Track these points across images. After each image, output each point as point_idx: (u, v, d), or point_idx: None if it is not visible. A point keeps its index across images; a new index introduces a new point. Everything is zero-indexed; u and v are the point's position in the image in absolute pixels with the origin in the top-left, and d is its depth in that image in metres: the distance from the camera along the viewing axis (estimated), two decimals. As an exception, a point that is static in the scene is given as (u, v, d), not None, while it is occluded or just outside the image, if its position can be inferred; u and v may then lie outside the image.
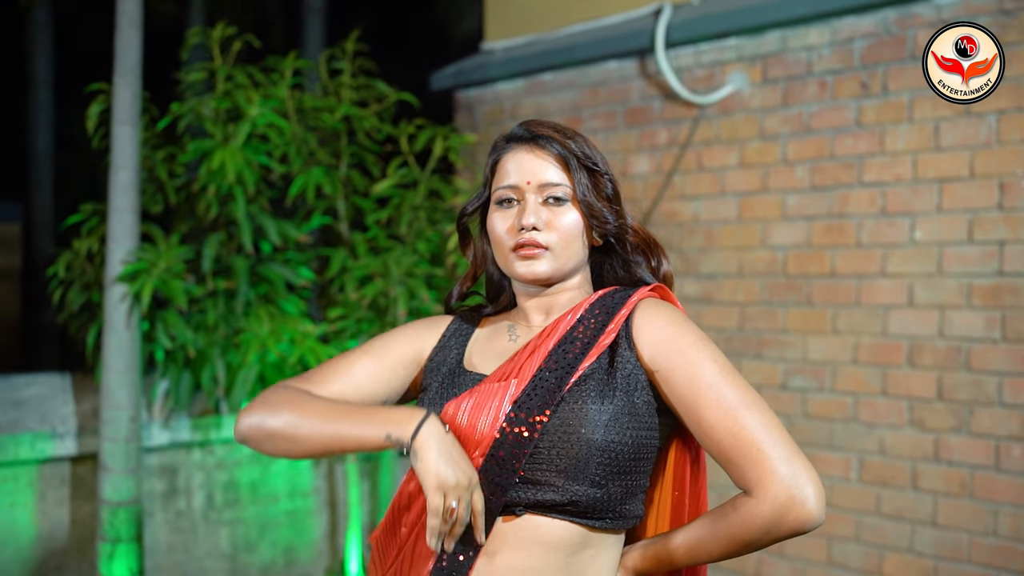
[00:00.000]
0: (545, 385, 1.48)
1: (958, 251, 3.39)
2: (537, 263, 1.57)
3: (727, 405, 1.43)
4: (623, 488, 1.48)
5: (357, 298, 3.54)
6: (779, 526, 1.40)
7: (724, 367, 1.48)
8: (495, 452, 1.46)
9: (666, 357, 1.49)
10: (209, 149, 3.39)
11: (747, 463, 1.41)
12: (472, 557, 1.47)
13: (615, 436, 1.46)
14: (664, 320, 1.53)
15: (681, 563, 1.52)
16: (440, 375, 1.61)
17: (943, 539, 3.42)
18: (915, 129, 3.47)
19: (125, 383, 3.28)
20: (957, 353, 3.38)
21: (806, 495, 1.38)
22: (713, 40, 3.98)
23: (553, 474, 1.45)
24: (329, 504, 4.25)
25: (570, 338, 1.53)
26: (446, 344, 1.66)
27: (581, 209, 1.59)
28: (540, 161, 1.59)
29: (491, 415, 1.47)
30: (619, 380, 1.49)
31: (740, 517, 1.42)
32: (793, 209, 3.78)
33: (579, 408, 1.46)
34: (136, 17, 3.26)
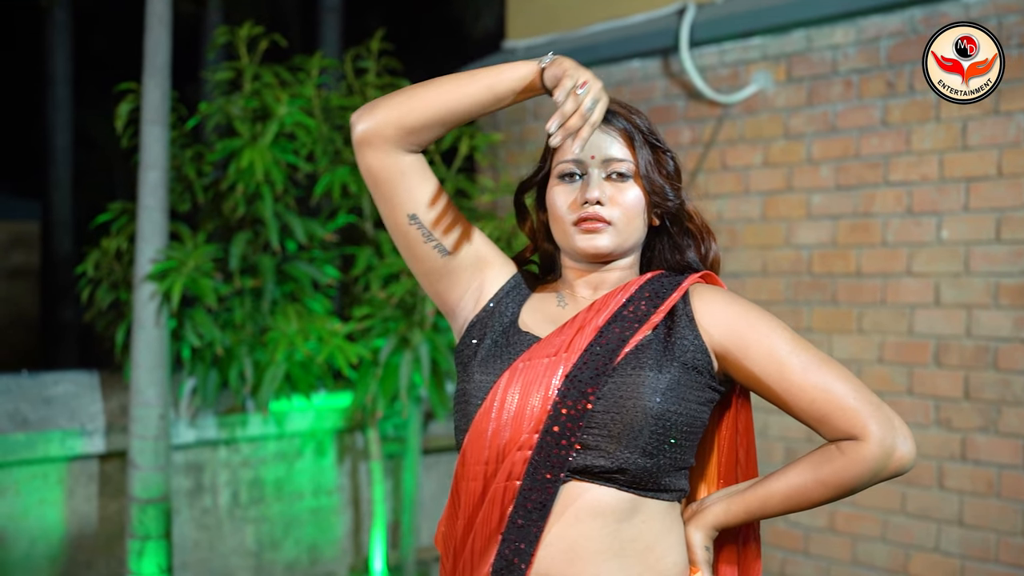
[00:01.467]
0: (596, 360, 1.49)
1: (985, 250, 3.38)
2: (599, 237, 1.57)
3: (811, 368, 1.50)
4: (671, 460, 1.50)
5: (385, 296, 3.55)
6: (886, 466, 1.48)
7: (793, 334, 1.54)
8: (549, 427, 1.47)
9: (740, 334, 1.53)
10: (238, 148, 3.41)
11: (845, 415, 1.48)
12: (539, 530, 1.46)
13: (671, 406, 1.48)
14: (726, 300, 1.57)
15: (774, 512, 1.55)
16: (495, 331, 1.60)
17: (970, 539, 3.42)
18: (942, 128, 3.47)
19: (154, 381, 3.30)
20: (984, 352, 3.38)
21: (906, 436, 1.49)
22: (737, 39, 3.98)
23: (605, 439, 1.46)
24: (353, 502, 4.26)
25: (620, 316, 1.54)
26: (506, 296, 1.64)
27: (643, 186, 1.59)
28: (605, 136, 1.59)
29: (542, 391, 1.48)
30: (677, 353, 1.51)
31: (849, 460, 1.48)
32: (818, 208, 3.78)
33: (636, 376, 1.48)
34: (165, 17, 3.28)
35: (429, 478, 4.50)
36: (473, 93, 1.53)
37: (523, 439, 1.48)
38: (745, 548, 1.66)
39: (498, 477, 1.49)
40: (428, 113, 1.54)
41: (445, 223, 1.60)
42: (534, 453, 1.47)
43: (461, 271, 1.63)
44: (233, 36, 3.61)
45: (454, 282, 1.63)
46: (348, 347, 3.43)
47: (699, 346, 1.54)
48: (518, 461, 1.48)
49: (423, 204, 1.58)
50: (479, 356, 1.57)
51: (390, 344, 3.57)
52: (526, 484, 1.47)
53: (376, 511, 4.02)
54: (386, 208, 1.60)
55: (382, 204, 1.60)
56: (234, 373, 3.50)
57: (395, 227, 1.61)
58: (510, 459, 1.48)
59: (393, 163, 1.55)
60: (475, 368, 1.56)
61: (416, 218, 1.58)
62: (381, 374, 3.62)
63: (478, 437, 1.51)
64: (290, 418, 3.94)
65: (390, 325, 3.60)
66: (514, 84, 1.54)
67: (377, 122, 1.54)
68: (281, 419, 3.88)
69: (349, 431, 4.19)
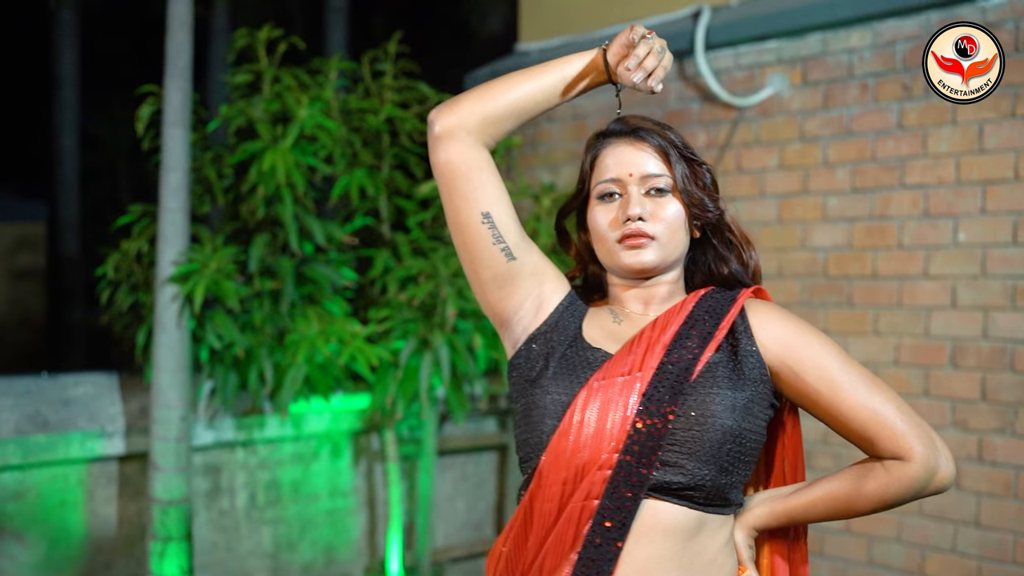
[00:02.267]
0: (670, 378, 1.51)
1: (1002, 253, 3.40)
2: (644, 252, 1.59)
3: (860, 388, 1.55)
4: (740, 476, 1.55)
5: (407, 299, 3.56)
6: (927, 487, 1.54)
7: (843, 353, 1.59)
8: (629, 446, 1.48)
9: (794, 350, 1.57)
10: (259, 150, 3.42)
11: (892, 436, 1.53)
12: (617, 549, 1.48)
13: (747, 424, 1.52)
14: (782, 317, 1.61)
15: (815, 518, 1.60)
16: (561, 344, 1.60)
17: (987, 540, 3.44)
18: (959, 131, 3.49)
19: (176, 383, 3.31)
20: (1002, 354, 3.40)
21: (948, 458, 1.55)
22: (753, 42, 4.00)
23: (684, 457, 1.49)
24: (367, 503, 4.27)
25: (685, 333, 1.56)
26: (566, 310, 1.65)
27: (682, 199, 1.61)
28: (641, 153, 1.62)
29: (620, 410, 1.50)
30: (745, 371, 1.55)
31: (894, 478, 1.54)
32: (834, 211, 3.80)
33: (713, 394, 1.51)
34: (187, 20, 3.29)
35: (443, 479, 4.51)
36: (546, 82, 1.60)
37: (603, 459, 1.49)
38: (795, 544, 1.69)
39: (575, 496, 1.49)
40: (508, 102, 1.58)
41: (513, 227, 1.62)
42: (614, 472, 1.48)
43: (522, 279, 1.63)
44: (252, 39, 3.62)
45: (514, 289, 1.63)
46: (369, 349, 3.45)
47: (759, 359, 1.57)
48: (597, 481, 1.49)
49: (497, 203, 1.60)
50: (550, 370, 1.57)
51: (410, 346, 3.58)
52: (604, 503, 1.48)
53: (393, 513, 4.03)
54: (461, 204, 1.59)
55: (458, 200, 1.59)
56: (253, 375, 3.51)
57: (466, 225, 1.60)
58: (589, 479, 1.49)
59: (474, 156, 1.58)
60: (548, 383, 1.56)
61: (489, 217, 1.58)
62: (401, 376, 3.64)
63: (557, 457, 1.51)
64: (306, 420, 3.95)
65: (409, 327, 3.61)
66: (581, 68, 1.60)
67: (461, 113, 1.57)
68: (298, 421, 3.89)
69: (364, 433, 4.20)
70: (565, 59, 1.61)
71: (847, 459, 3.54)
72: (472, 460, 4.68)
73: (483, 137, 1.59)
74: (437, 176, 1.62)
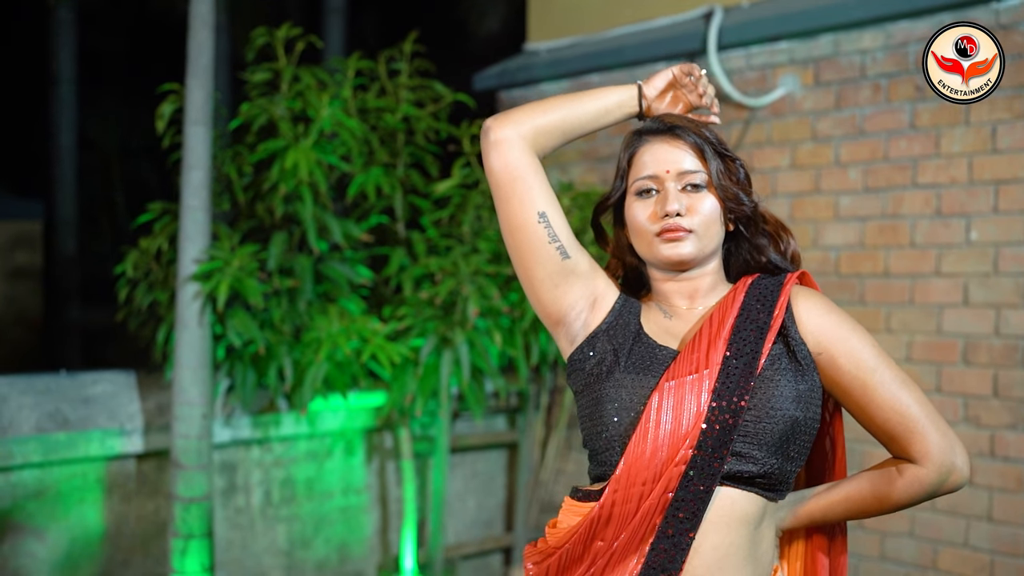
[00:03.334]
0: (736, 372, 1.56)
1: (1014, 251, 3.45)
2: (682, 245, 1.65)
3: (890, 386, 1.59)
4: (801, 461, 1.61)
5: (428, 296, 3.58)
6: (941, 488, 1.59)
7: (879, 350, 1.62)
8: (703, 441, 1.53)
9: (832, 342, 1.61)
10: (280, 149, 3.43)
11: (913, 437, 1.58)
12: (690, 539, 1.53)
13: (811, 412, 1.59)
14: (824, 307, 1.65)
15: (835, 520, 1.66)
16: (626, 342, 1.65)
17: (999, 534, 3.49)
18: (971, 132, 3.54)
19: (197, 380, 3.32)
20: (1014, 351, 3.45)
21: (964, 461, 1.59)
22: (764, 43, 4.04)
23: (754, 447, 1.55)
24: (380, 501, 4.29)
25: (742, 325, 1.61)
26: (622, 308, 1.71)
27: (718, 194, 1.67)
28: (677, 150, 1.67)
29: (693, 407, 1.55)
30: (801, 361, 1.60)
31: (907, 482, 1.59)
32: (846, 210, 3.84)
33: (778, 386, 1.57)
34: (209, 19, 3.30)
35: (454, 477, 4.54)
36: (588, 107, 1.72)
37: (680, 455, 1.54)
38: (833, 540, 1.74)
39: (654, 493, 1.54)
40: (558, 118, 1.69)
41: (565, 227, 1.69)
42: (688, 467, 1.53)
43: (576, 277, 1.69)
44: (271, 38, 3.63)
45: (569, 287, 1.69)
46: (390, 347, 3.46)
47: (806, 350, 1.62)
48: (674, 476, 1.54)
49: (551, 204, 1.67)
50: (620, 366, 1.62)
51: (430, 343, 3.60)
52: (679, 495, 1.53)
53: (407, 510, 4.05)
54: (518, 206, 1.66)
55: (515, 202, 1.66)
56: (272, 373, 3.52)
57: (523, 226, 1.66)
58: (667, 475, 1.54)
59: (529, 160, 1.66)
60: (620, 377, 1.61)
61: (545, 216, 1.66)
62: (421, 373, 3.65)
63: (637, 460, 1.55)
64: (321, 418, 3.97)
65: (428, 325, 3.63)
66: (618, 100, 1.74)
67: (517, 122, 1.66)
68: (313, 419, 3.91)
69: (378, 430, 4.22)
70: (604, 90, 1.75)
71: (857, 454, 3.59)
72: (482, 458, 4.70)
73: (535, 145, 1.68)
74: (493, 181, 1.69)
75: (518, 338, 3.85)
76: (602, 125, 1.74)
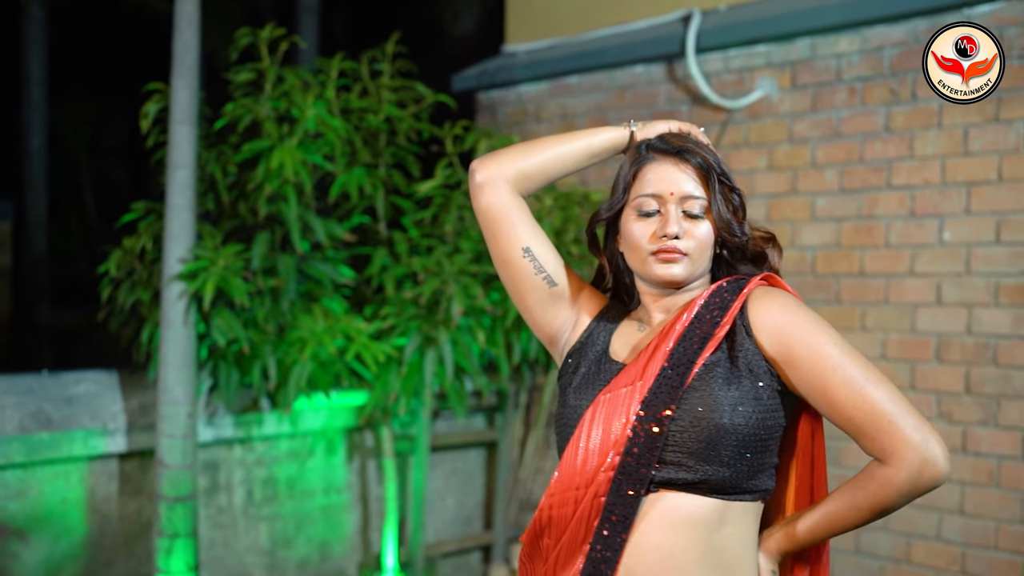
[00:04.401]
0: (668, 383, 1.62)
1: (986, 251, 3.54)
2: (675, 266, 1.69)
3: (854, 383, 1.57)
4: (750, 466, 1.61)
5: (413, 296, 3.61)
6: (916, 487, 1.55)
7: (843, 347, 1.60)
8: (629, 449, 1.61)
9: (787, 344, 1.61)
10: (265, 149, 3.44)
11: (880, 434, 1.54)
12: (622, 540, 1.60)
13: (741, 419, 1.58)
14: (779, 308, 1.65)
15: (823, 537, 1.65)
16: (589, 359, 1.77)
17: (970, 527, 3.57)
18: (944, 134, 3.62)
19: (182, 380, 3.32)
20: (985, 349, 3.54)
21: (937, 456, 1.54)
22: (742, 46, 4.11)
23: (684, 455, 1.59)
24: (361, 500, 4.31)
25: (688, 335, 1.65)
26: (598, 325, 1.81)
27: (714, 221, 1.71)
28: (682, 174, 1.70)
29: (623, 419, 1.63)
30: (742, 367, 1.62)
31: (879, 486, 1.55)
32: (822, 210, 3.91)
33: (707, 395, 1.59)
34: (194, 19, 3.30)
35: (433, 475, 4.56)
36: (575, 148, 1.78)
37: (608, 462, 1.62)
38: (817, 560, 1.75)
39: (586, 497, 1.64)
40: (541, 161, 1.77)
41: (551, 257, 1.79)
42: (616, 472, 1.61)
43: (563, 300, 1.80)
44: (255, 38, 3.64)
45: (558, 311, 1.80)
46: (374, 346, 3.49)
47: (755, 351, 1.64)
48: (603, 481, 1.62)
49: (534, 238, 1.76)
50: (574, 383, 1.75)
51: (414, 342, 3.63)
52: (610, 500, 1.62)
53: (388, 508, 4.08)
54: (503, 242, 1.77)
55: (500, 239, 1.77)
56: (256, 372, 3.53)
57: (509, 260, 1.77)
58: (596, 481, 1.63)
59: (511, 200, 1.76)
60: (570, 394, 1.74)
61: (529, 251, 1.75)
62: (405, 372, 3.68)
63: (569, 467, 1.66)
64: (303, 417, 3.98)
65: (411, 324, 3.66)
66: (608, 142, 1.79)
67: (501, 165, 1.75)
68: (295, 418, 3.92)
69: (359, 429, 4.24)
70: (593, 131, 1.80)
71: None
72: (461, 456, 4.73)
73: (518, 187, 1.77)
74: (480, 219, 1.79)
75: (500, 337, 3.89)
76: (588, 164, 1.81)
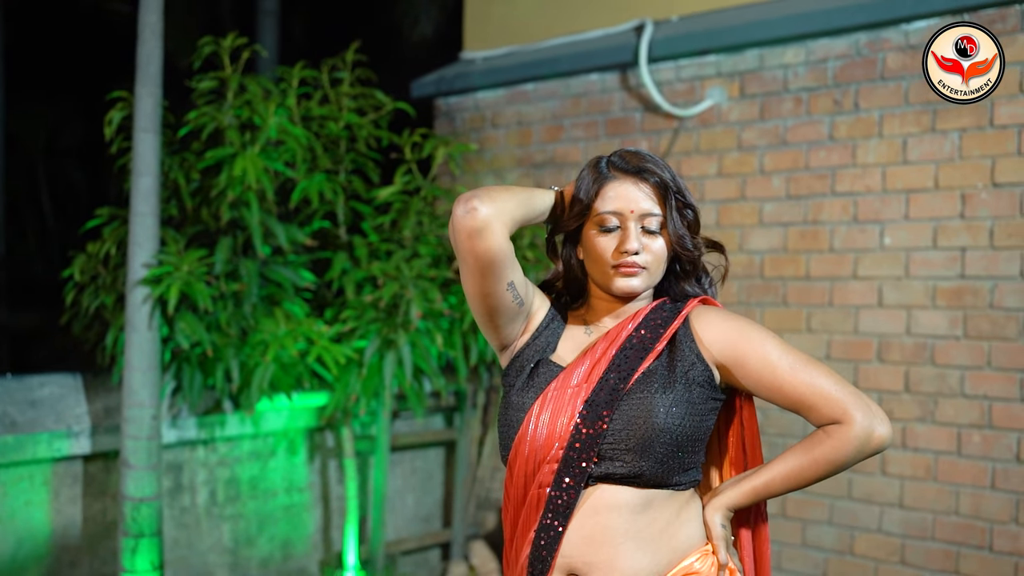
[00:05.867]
0: (609, 386, 1.78)
1: (924, 256, 3.70)
2: (635, 279, 1.84)
3: (797, 368, 1.79)
4: (680, 463, 1.79)
5: (372, 300, 3.70)
6: (868, 444, 1.75)
7: (781, 342, 1.83)
8: (572, 444, 1.77)
9: (737, 347, 1.81)
10: (228, 156, 3.51)
11: (828, 404, 1.76)
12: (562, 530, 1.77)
13: (676, 420, 1.76)
14: (723, 319, 1.85)
15: (777, 492, 1.83)
16: (532, 361, 1.89)
17: (909, 519, 3.74)
18: (884, 144, 3.78)
19: (147, 382, 3.38)
20: (923, 349, 3.70)
21: (882, 418, 1.76)
22: (693, 56, 4.24)
23: (621, 452, 1.76)
24: (323, 499, 4.39)
25: (629, 345, 1.83)
26: (545, 329, 1.93)
27: (669, 237, 1.85)
28: (640, 192, 1.84)
29: (568, 414, 1.79)
30: (679, 375, 1.80)
31: (837, 441, 1.75)
32: (769, 216, 4.06)
33: (645, 398, 1.77)
34: (158, 29, 3.36)
35: (393, 475, 4.65)
36: (538, 207, 1.86)
37: (551, 454, 1.78)
38: (757, 521, 1.95)
39: (533, 486, 1.80)
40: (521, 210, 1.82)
41: (524, 280, 1.88)
42: (560, 465, 1.77)
43: (524, 313, 1.91)
44: (218, 47, 3.71)
45: (519, 323, 1.91)
46: (335, 348, 3.57)
47: (702, 362, 1.82)
48: (547, 472, 1.79)
49: (515, 271, 1.83)
50: (518, 384, 1.87)
51: (374, 345, 3.72)
52: (553, 491, 1.78)
53: (348, 507, 4.16)
54: (491, 280, 1.80)
55: (490, 278, 1.79)
56: (219, 374, 3.60)
57: (491, 294, 1.82)
58: (542, 471, 1.79)
59: (506, 243, 1.78)
60: (514, 394, 1.86)
61: (512, 284, 1.83)
62: (365, 374, 3.77)
63: (519, 455, 1.82)
64: (265, 418, 4.05)
65: (371, 327, 3.75)
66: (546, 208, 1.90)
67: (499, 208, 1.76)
68: (257, 419, 3.99)
69: (320, 430, 4.32)
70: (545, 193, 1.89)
71: (783, 447, 3.80)
72: (420, 456, 4.83)
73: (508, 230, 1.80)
74: (473, 259, 1.77)
75: (458, 339, 3.99)
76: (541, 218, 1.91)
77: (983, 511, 3.58)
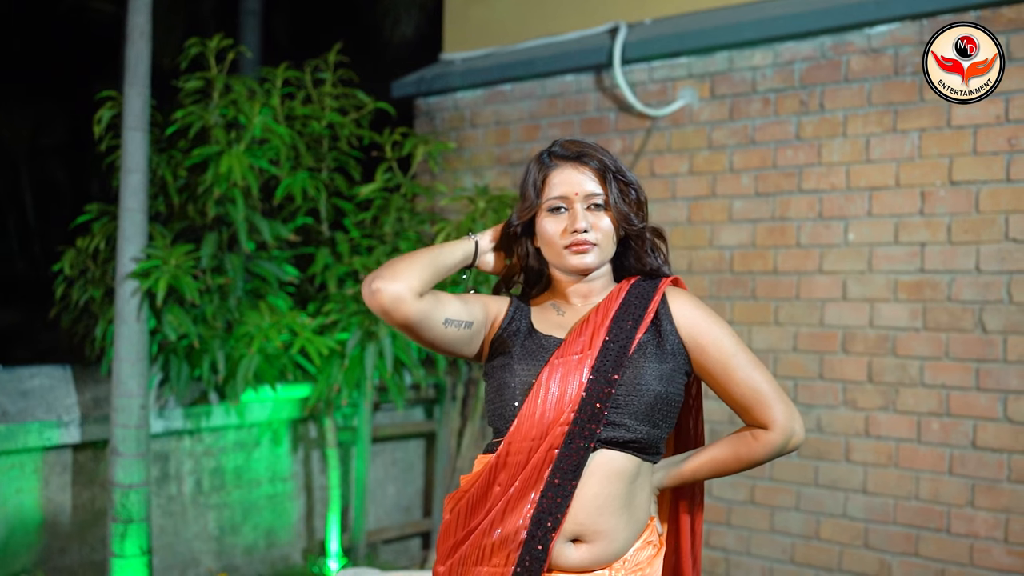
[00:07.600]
0: (612, 353, 1.92)
1: (886, 251, 3.85)
2: (587, 256, 1.99)
3: (745, 367, 1.96)
4: (666, 429, 1.96)
5: (354, 293, 3.82)
6: (785, 448, 1.97)
7: (737, 339, 1.99)
8: (583, 407, 1.88)
9: (701, 332, 1.98)
10: (214, 154, 3.62)
11: (762, 408, 1.96)
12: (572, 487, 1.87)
13: (671, 388, 1.93)
14: (694, 304, 2.02)
15: (702, 478, 2.03)
16: (519, 341, 2.01)
17: (872, 504, 3.89)
18: (848, 143, 3.93)
19: (136, 373, 3.49)
20: (885, 341, 3.85)
21: (800, 427, 1.98)
22: (665, 58, 4.38)
23: (626, 416, 1.89)
24: (305, 488, 4.50)
25: (621, 316, 1.97)
26: (515, 317, 2.05)
27: (613, 214, 1.99)
28: (583, 175, 2.00)
29: (577, 380, 1.90)
30: (667, 347, 1.95)
31: (761, 445, 1.96)
32: (739, 213, 4.20)
33: (645, 366, 1.91)
34: (146, 30, 3.47)
35: (374, 465, 4.77)
36: (448, 261, 2.00)
37: (563, 417, 1.89)
38: (693, 498, 2.10)
39: (541, 448, 1.89)
40: (429, 272, 1.94)
41: (460, 306, 1.98)
42: (571, 427, 1.88)
43: (479, 328, 2.02)
44: (204, 48, 3.82)
45: (479, 336, 2.03)
46: (318, 340, 3.69)
47: (676, 336, 1.98)
48: (558, 434, 1.88)
49: (446, 309, 1.95)
50: (515, 358, 1.97)
51: (355, 337, 3.84)
52: (563, 451, 1.87)
53: (332, 496, 4.27)
54: (427, 334, 1.94)
55: (422, 333, 1.93)
56: (206, 366, 3.71)
57: (435, 340, 1.96)
58: (552, 433, 1.88)
59: (422, 304, 1.91)
60: (515, 366, 1.96)
61: (449, 320, 1.96)
62: (347, 365, 3.89)
63: (528, 419, 1.90)
64: (249, 409, 4.16)
65: (353, 320, 3.87)
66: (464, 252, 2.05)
67: (404, 280, 1.89)
68: (242, 410, 4.10)
69: (303, 421, 4.43)
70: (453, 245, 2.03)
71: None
72: (401, 447, 4.95)
73: (419, 295, 1.92)
74: (398, 327, 1.94)
75: (438, 332, 4.11)
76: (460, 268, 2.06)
77: (941, 495, 3.73)
